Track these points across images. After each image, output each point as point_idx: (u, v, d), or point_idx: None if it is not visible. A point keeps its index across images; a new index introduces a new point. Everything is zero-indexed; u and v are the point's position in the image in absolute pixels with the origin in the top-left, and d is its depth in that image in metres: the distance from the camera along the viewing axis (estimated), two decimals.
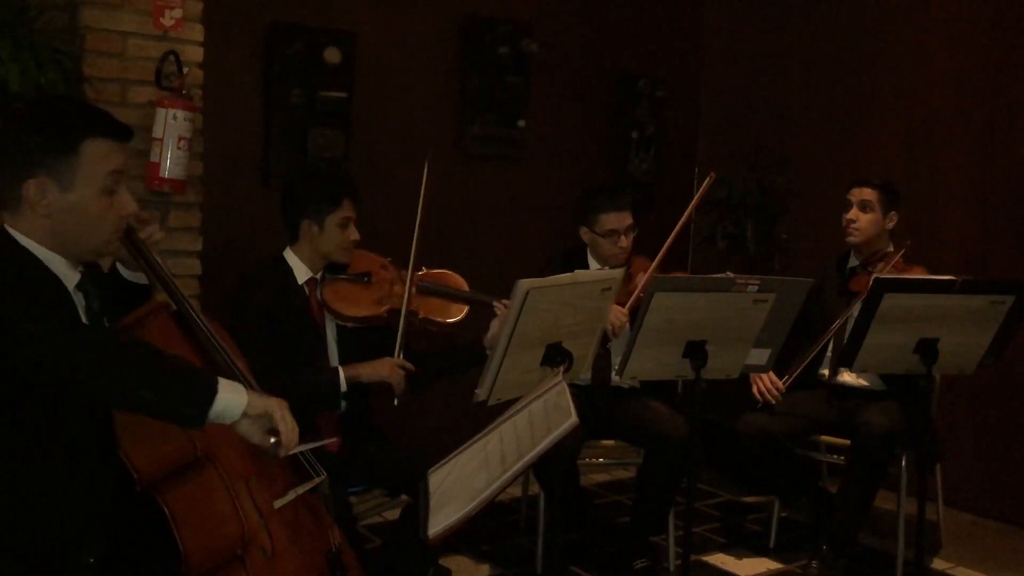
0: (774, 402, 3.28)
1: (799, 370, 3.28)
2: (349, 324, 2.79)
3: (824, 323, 3.33)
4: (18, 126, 1.77)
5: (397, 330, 2.74)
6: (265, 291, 2.73)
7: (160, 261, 1.97)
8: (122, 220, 1.82)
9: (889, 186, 3.44)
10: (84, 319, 1.79)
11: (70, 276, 1.78)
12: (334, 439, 2.11)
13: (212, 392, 1.65)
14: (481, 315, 2.88)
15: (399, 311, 2.76)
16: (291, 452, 1.77)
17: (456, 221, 4.13)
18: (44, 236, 1.75)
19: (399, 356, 2.71)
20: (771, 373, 3.25)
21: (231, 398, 1.67)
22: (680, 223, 3.29)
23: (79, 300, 1.80)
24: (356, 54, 3.84)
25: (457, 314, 2.86)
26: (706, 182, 3.34)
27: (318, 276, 2.83)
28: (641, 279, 3.19)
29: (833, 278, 3.48)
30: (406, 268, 2.83)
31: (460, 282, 2.95)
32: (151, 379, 1.62)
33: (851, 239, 3.42)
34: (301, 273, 2.80)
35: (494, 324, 2.82)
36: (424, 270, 2.92)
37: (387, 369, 2.69)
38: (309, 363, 2.76)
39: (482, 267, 3.07)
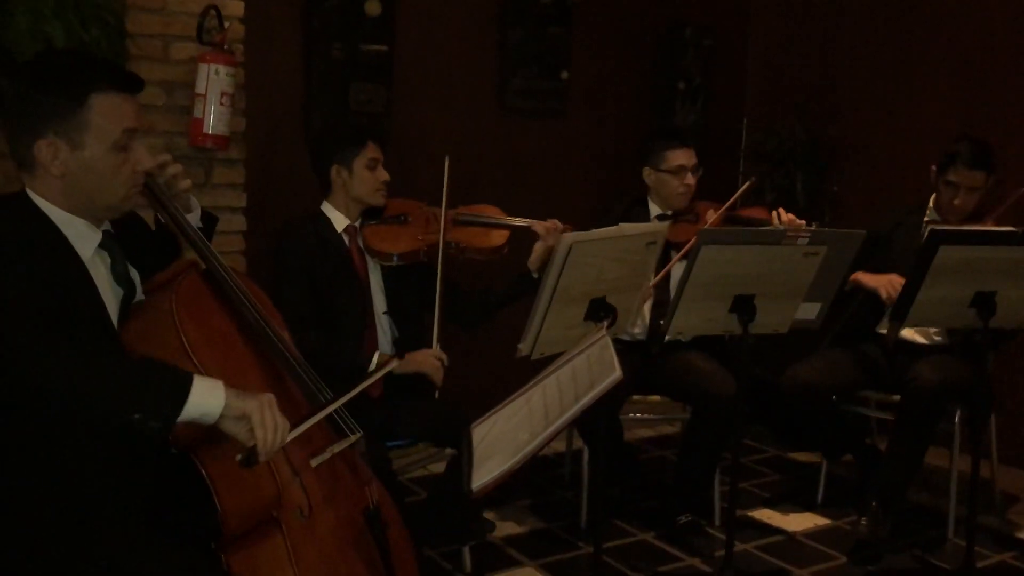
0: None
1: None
2: (393, 262, 2.81)
3: (897, 272, 3.14)
4: (24, 85, 1.73)
5: (437, 269, 2.75)
6: (302, 242, 2.75)
7: (188, 219, 1.95)
8: (137, 176, 1.79)
9: (992, 157, 3.20)
10: (109, 279, 1.77)
11: (90, 237, 1.75)
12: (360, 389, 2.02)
13: (181, 400, 1.58)
14: (524, 246, 2.86)
15: (437, 246, 2.77)
16: (272, 455, 1.67)
17: (497, 175, 4.09)
18: (60, 197, 1.72)
19: (436, 347, 2.72)
20: (896, 275, 3.10)
21: (205, 403, 1.60)
22: (720, 213, 3.22)
23: (103, 260, 1.78)
24: (396, 6, 3.79)
25: (497, 240, 2.86)
26: (745, 185, 3.28)
27: (356, 224, 2.85)
28: (711, 216, 3.17)
29: (911, 225, 3.32)
30: (439, 206, 2.85)
31: (498, 212, 2.96)
32: (121, 395, 1.58)
33: (953, 218, 3.22)
34: (339, 222, 2.83)
35: (537, 246, 2.82)
36: (461, 207, 2.93)
37: (425, 363, 2.70)
38: (353, 314, 2.77)
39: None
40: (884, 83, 4.35)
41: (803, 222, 3.11)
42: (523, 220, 2.87)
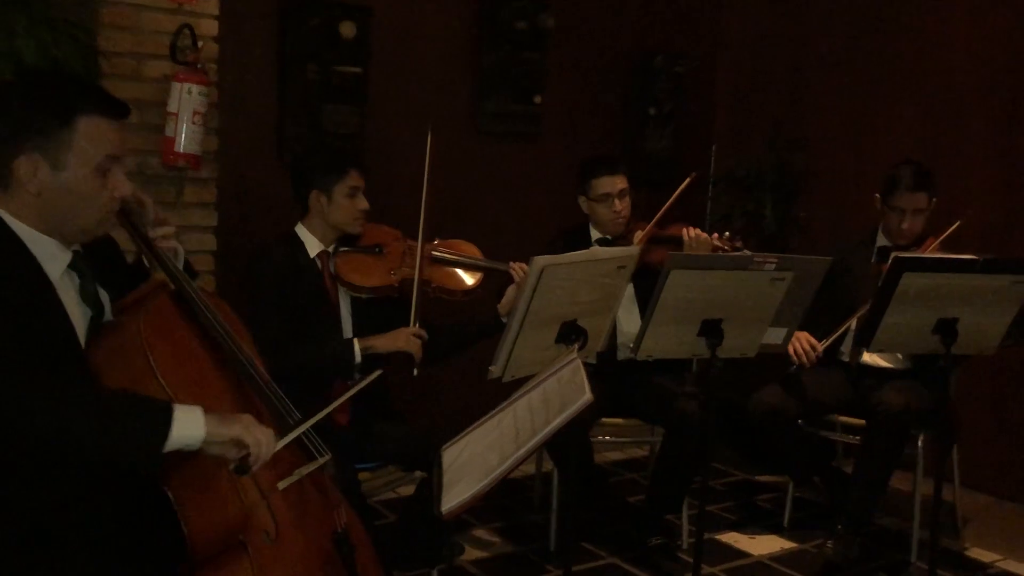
0: (809, 365, 3.23)
1: (837, 335, 3.22)
2: (363, 295, 2.79)
3: (851, 300, 3.27)
4: (9, 101, 1.72)
5: (411, 300, 2.74)
6: (275, 265, 2.73)
7: (165, 247, 1.93)
8: (115, 202, 1.78)
9: (932, 178, 3.30)
10: (77, 300, 1.76)
11: (60, 257, 1.74)
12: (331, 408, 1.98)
13: (163, 433, 1.59)
14: (496, 285, 2.87)
15: (412, 280, 2.76)
16: (265, 460, 1.72)
17: (471, 197, 4.11)
18: (33, 216, 1.71)
19: (415, 325, 2.71)
20: (807, 334, 3.21)
21: (187, 434, 1.62)
22: (674, 196, 3.24)
23: (72, 281, 1.76)
24: (371, 28, 3.81)
25: (469, 281, 2.86)
26: (686, 181, 3.27)
27: (330, 249, 2.83)
28: (638, 237, 3.20)
29: (861, 255, 3.41)
30: (415, 239, 2.83)
31: (473, 250, 2.95)
32: (99, 431, 1.58)
33: (903, 241, 3.29)
34: (313, 246, 2.81)
35: (509, 291, 2.82)
36: (437, 241, 2.92)
37: (403, 339, 2.69)
38: (322, 337, 2.76)
39: (496, 244, 3.05)
40: (850, 112, 4.44)
41: (714, 236, 3.16)
42: (499, 263, 2.87)
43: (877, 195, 3.36)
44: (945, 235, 3.25)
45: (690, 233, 3.12)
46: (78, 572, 1.64)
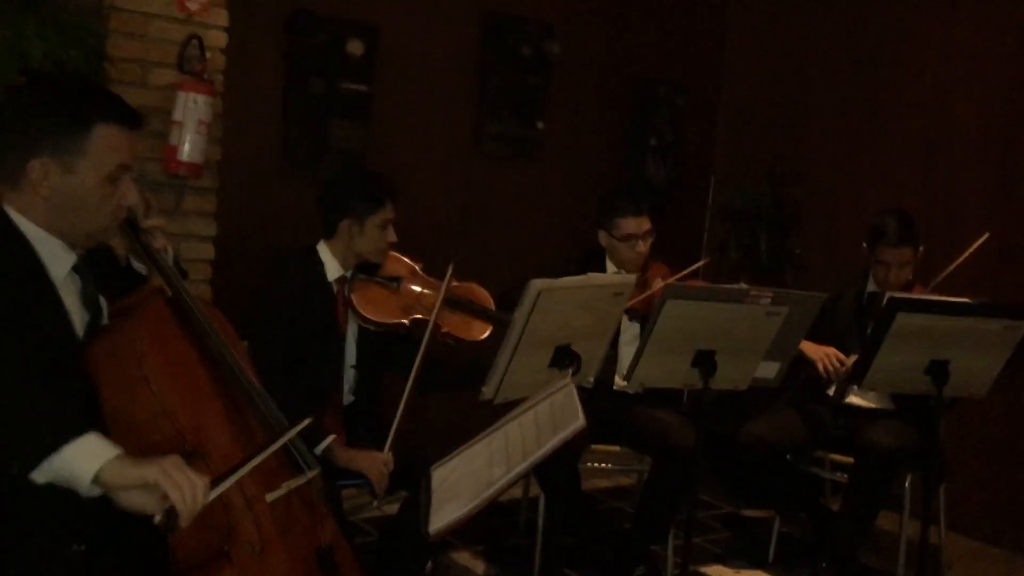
0: (835, 380, 3.22)
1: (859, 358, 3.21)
2: (371, 328, 2.75)
3: (837, 339, 3.30)
4: (29, 103, 1.73)
5: (419, 340, 2.64)
6: (291, 288, 2.68)
7: (155, 246, 1.92)
8: (121, 210, 1.79)
9: (915, 229, 3.30)
10: (79, 303, 1.75)
11: (64, 259, 1.74)
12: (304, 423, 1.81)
13: (52, 446, 1.44)
14: (502, 334, 2.84)
15: (423, 321, 2.69)
16: (194, 515, 1.51)
17: (472, 219, 4.13)
18: (40, 217, 1.71)
19: (388, 451, 2.58)
20: (834, 349, 3.20)
21: (76, 462, 1.45)
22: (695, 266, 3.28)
23: (75, 283, 1.76)
24: (378, 47, 3.84)
25: (480, 333, 2.81)
26: (696, 265, 3.30)
27: (348, 274, 2.78)
28: (658, 285, 3.17)
29: (849, 298, 3.44)
30: (437, 276, 2.78)
31: (486, 298, 2.90)
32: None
33: (891, 291, 3.26)
34: (332, 269, 2.75)
35: None
36: (455, 282, 2.84)
37: (369, 465, 2.55)
38: (321, 362, 2.72)
39: (496, 266, 3.07)
40: (848, 148, 4.48)
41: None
42: (511, 316, 2.80)
43: (864, 244, 3.37)
44: (935, 283, 3.28)
45: None
46: None
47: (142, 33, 3.05)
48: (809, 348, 3.21)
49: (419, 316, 2.72)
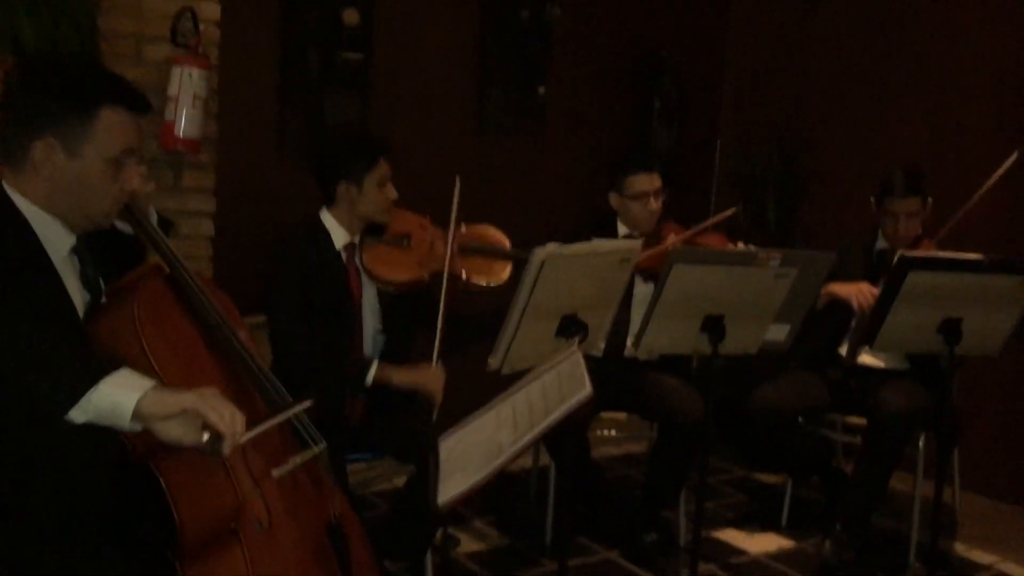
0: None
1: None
2: (391, 289, 2.72)
3: (847, 303, 3.26)
4: (35, 85, 1.72)
5: (439, 295, 2.63)
6: (301, 258, 2.66)
7: (154, 224, 1.92)
8: (124, 195, 1.77)
9: (923, 181, 3.28)
10: (78, 284, 1.74)
11: (64, 240, 1.73)
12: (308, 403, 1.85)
13: (95, 377, 1.46)
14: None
15: (440, 273, 2.67)
16: (241, 442, 1.55)
17: (474, 188, 4.05)
18: (42, 198, 1.70)
19: (437, 364, 2.60)
20: (867, 284, 3.16)
21: (117, 393, 1.46)
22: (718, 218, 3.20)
23: (74, 264, 1.75)
24: (374, 15, 3.78)
25: (501, 274, 2.77)
26: (725, 213, 3.24)
27: (356, 240, 2.75)
28: (672, 240, 3.14)
29: (858, 256, 3.40)
30: (444, 227, 2.74)
31: (502, 238, 2.86)
32: (29, 356, 1.47)
33: (900, 245, 3.25)
34: (339, 237, 2.73)
35: None
36: (464, 227, 2.82)
37: (425, 378, 2.58)
38: (341, 333, 2.69)
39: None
40: (856, 112, 4.41)
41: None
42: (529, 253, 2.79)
43: (872, 199, 3.34)
44: (940, 235, 3.24)
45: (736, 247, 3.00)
46: (66, 558, 1.61)
47: (135, 8, 3.01)
48: (840, 288, 3.17)
49: (437, 268, 2.69)
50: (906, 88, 4.22)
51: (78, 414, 1.47)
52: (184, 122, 3.00)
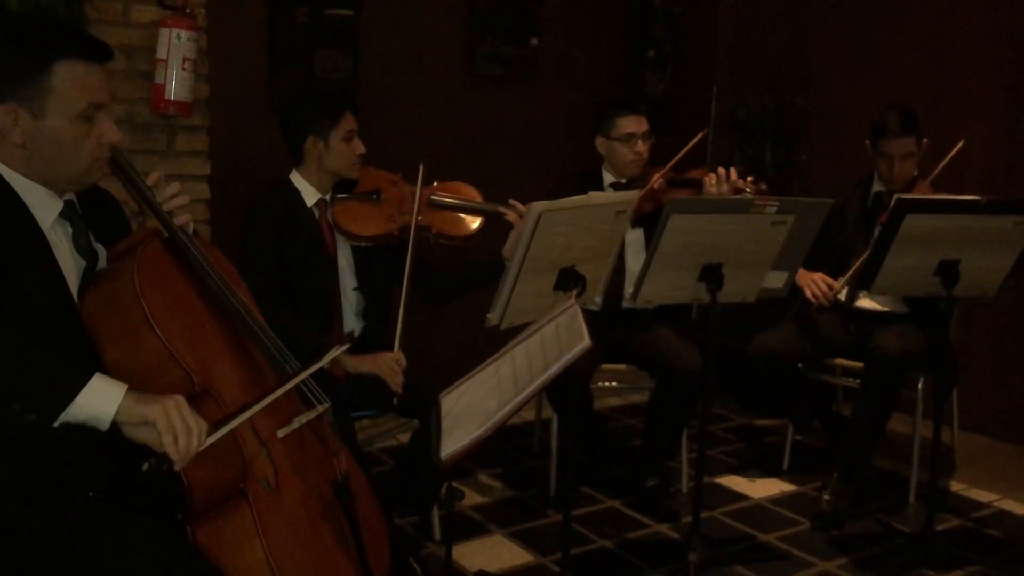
0: (828, 305, 3.23)
1: (853, 272, 3.17)
2: (362, 244, 2.75)
3: (845, 247, 3.26)
4: None
5: (407, 256, 2.67)
6: (273, 214, 2.69)
7: (150, 187, 1.87)
8: (103, 148, 1.72)
9: (918, 121, 3.25)
10: (70, 249, 1.72)
11: (51, 205, 1.70)
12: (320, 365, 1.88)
13: (69, 396, 1.50)
14: (497, 228, 2.83)
15: (409, 227, 2.70)
16: (188, 460, 1.58)
17: (467, 142, 4.05)
18: (21, 164, 1.67)
19: (397, 350, 2.62)
20: (822, 274, 3.22)
21: (95, 405, 1.51)
22: (690, 145, 3.20)
23: (64, 230, 1.73)
24: None
25: (470, 227, 2.80)
26: (692, 141, 3.20)
27: (327, 197, 2.78)
28: (656, 179, 3.13)
29: (855, 201, 3.40)
30: (414, 183, 2.77)
31: (473, 193, 2.88)
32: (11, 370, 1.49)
33: (896, 187, 3.24)
34: (309, 195, 2.76)
35: (512, 235, 2.75)
36: (436, 184, 2.85)
37: (384, 366, 2.60)
38: (317, 289, 2.72)
39: (493, 189, 3.01)
40: (853, 54, 4.36)
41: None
42: (499, 206, 2.79)
43: (867, 142, 3.32)
44: (933, 175, 3.23)
45: (719, 173, 2.98)
46: (74, 520, 1.63)
47: None
48: (796, 278, 3.16)
49: (406, 223, 2.72)
50: (903, 23, 4.16)
51: (55, 422, 1.53)
52: (175, 85, 2.97)
